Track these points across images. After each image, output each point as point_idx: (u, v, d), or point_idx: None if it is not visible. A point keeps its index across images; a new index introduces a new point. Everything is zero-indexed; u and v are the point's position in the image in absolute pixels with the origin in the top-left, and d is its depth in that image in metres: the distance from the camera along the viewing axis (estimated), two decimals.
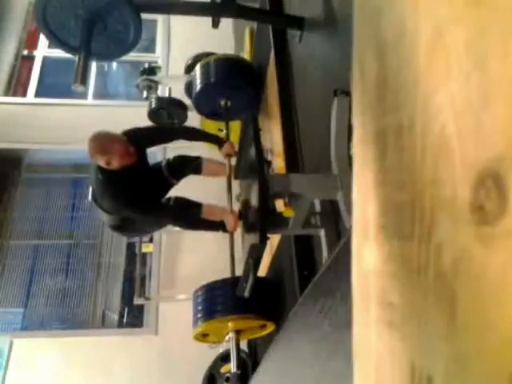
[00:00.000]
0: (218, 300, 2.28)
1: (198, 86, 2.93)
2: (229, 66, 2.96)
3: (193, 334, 2.34)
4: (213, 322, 2.24)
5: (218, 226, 2.46)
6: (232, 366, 2.22)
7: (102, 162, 2.32)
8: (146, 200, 2.49)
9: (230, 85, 2.90)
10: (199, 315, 2.28)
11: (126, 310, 4.16)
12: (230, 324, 2.24)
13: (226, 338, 2.31)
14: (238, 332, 2.28)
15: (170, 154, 2.96)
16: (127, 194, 2.39)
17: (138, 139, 2.49)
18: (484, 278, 0.23)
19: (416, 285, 0.29)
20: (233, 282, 2.30)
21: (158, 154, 3.99)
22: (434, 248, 0.27)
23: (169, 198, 2.91)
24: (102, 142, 2.32)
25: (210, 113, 3.16)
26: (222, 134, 4.05)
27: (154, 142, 2.80)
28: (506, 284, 0.21)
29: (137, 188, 2.42)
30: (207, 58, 3.02)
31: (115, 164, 2.32)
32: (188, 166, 2.90)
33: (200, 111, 3.19)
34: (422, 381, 0.29)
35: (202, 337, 2.40)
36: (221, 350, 3.25)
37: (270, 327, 2.35)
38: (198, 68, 2.99)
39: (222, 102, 2.94)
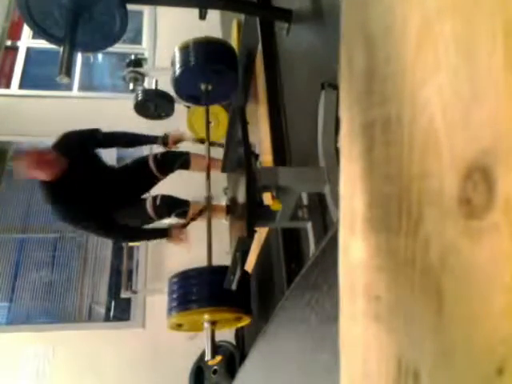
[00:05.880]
0: (193, 289, 2.22)
1: (177, 69, 2.83)
2: (209, 49, 2.87)
3: (167, 324, 2.29)
4: (187, 313, 2.18)
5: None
6: (206, 355, 2.19)
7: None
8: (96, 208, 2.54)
9: (210, 68, 2.81)
10: (174, 304, 2.22)
11: (113, 303, 4.13)
12: (205, 316, 2.20)
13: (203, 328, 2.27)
14: (213, 323, 2.25)
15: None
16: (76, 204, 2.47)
17: (67, 146, 2.55)
18: (471, 271, 0.23)
19: (403, 278, 0.29)
20: (209, 271, 2.29)
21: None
22: (422, 241, 0.27)
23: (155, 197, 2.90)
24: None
25: (189, 97, 3.06)
26: (211, 126, 4.04)
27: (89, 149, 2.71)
28: (492, 278, 0.21)
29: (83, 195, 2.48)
30: (186, 41, 2.91)
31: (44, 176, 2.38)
32: (176, 161, 2.89)
33: (179, 95, 3.07)
34: (408, 374, 0.29)
35: (177, 326, 2.36)
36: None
37: (246, 320, 2.32)
38: (176, 51, 2.89)
39: (203, 86, 2.85)
